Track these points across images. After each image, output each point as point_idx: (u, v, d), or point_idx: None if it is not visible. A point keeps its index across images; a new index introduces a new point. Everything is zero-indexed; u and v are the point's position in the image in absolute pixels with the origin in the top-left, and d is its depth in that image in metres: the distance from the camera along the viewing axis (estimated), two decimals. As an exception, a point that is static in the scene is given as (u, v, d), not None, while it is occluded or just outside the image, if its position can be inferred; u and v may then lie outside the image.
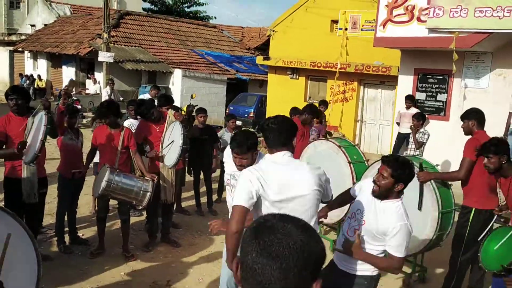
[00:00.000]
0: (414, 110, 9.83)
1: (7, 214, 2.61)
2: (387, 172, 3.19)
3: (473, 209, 4.89)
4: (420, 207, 5.09)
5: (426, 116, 8.86)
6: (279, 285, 1.17)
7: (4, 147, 5.08)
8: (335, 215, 6.22)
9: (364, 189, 3.47)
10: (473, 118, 5.20)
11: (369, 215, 3.27)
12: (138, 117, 6.87)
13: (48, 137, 4.98)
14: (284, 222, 1.25)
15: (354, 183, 5.80)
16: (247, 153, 3.50)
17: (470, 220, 4.91)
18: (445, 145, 9.95)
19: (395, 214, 3.16)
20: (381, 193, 3.22)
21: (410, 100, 10.24)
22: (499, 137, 5.15)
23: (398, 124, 10.57)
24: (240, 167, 3.59)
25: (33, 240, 2.62)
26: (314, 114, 7.04)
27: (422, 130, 8.17)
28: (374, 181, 3.26)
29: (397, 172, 3.16)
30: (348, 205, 3.90)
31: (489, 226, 4.53)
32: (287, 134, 3.12)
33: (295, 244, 1.19)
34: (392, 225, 3.11)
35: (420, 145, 8.09)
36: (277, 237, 1.20)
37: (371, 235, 3.24)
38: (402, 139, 10.09)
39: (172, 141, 5.93)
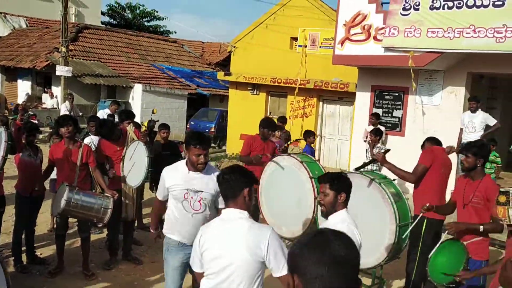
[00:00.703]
0: (382, 128, 10.12)
1: None
2: (326, 188, 3.40)
3: (426, 218, 5.09)
4: (358, 168, 5.66)
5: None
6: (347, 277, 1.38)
7: None
8: (296, 230, 6.33)
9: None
10: (427, 142, 5.59)
11: None
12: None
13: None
14: (337, 235, 1.45)
15: (315, 198, 5.94)
16: (208, 149, 3.82)
17: (423, 230, 5.12)
18: (400, 159, 10.24)
19: (339, 221, 3.30)
20: (329, 210, 3.40)
21: (376, 117, 10.33)
22: (484, 141, 5.52)
23: (365, 141, 10.65)
24: (202, 165, 3.78)
25: (3, 266, 2.56)
26: (270, 126, 7.07)
27: (379, 145, 8.43)
28: (319, 202, 3.49)
29: (334, 183, 3.39)
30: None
31: (442, 238, 4.73)
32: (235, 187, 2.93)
33: (350, 251, 1.40)
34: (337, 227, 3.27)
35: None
36: (337, 246, 1.39)
37: None
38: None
39: (134, 162, 5.91)
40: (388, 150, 5.75)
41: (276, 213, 6.59)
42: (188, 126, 18.80)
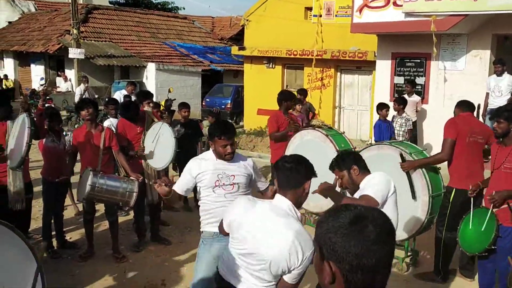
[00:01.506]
0: (416, 97, 9.79)
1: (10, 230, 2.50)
2: (337, 173, 3.54)
3: (454, 189, 4.97)
4: (413, 196, 5.13)
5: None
6: (384, 271, 1.33)
7: None
8: (325, 204, 6.23)
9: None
10: (456, 106, 5.32)
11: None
12: (118, 115, 6.73)
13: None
14: (378, 215, 1.37)
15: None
16: (233, 138, 3.63)
17: (451, 200, 5.00)
18: (425, 127, 10.09)
19: (370, 178, 3.47)
20: (353, 188, 3.50)
21: (412, 85, 9.82)
22: None
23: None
24: (230, 155, 3.59)
25: (34, 252, 2.51)
26: (291, 97, 6.91)
27: (404, 115, 8.22)
28: (343, 189, 3.64)
29: (339, 164, 3.51)
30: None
31: (471, 207, 4.62)
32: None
33: (392, 230, 1.36)
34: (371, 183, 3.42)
35: (409, 134, 8.15)
36: (377, 228, 1.32)
37: None
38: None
39: (157, 144, 5.82)
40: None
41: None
42: (203, 103, 18.67)
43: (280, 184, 2.76)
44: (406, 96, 9.52)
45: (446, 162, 5.10)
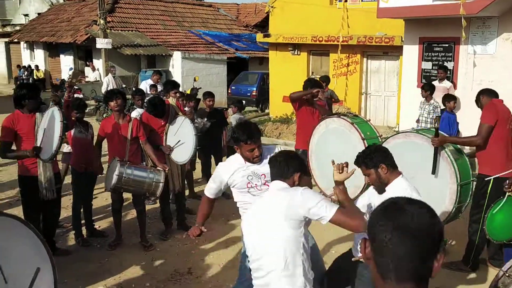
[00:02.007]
0: (447, 83, 9.54)
1: (20, 223, 2.55)
2: (364, 170, 3.39)
3: (492, 178, 4.85)
4: (434, 171, 5.00)
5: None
6: (409, 259, 1.33)
7: (14, 145, 5.03)
8: (350, 192, 6.19)
9: (370, 194, 3.57)
10: (482, 94, 5.17)
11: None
12: (145, 105, 6.81)
13: None
14: (411, 203, 1.39)
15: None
16: (260, 140, 3.55)
17: (489, 189, 4.88)
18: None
19: (399, 190, 3.21)
20: (380, 186, 3.36)
21: (443, 70, 9.47)
22: None
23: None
24: (258, 158, 3.55)
25: (46, 247, 2.57)
26: (314, 85, 6.82)
27: (432, 102, 8.06)
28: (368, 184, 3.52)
29: (367, 162, 3.35)
30: (364, 181, 3.91)
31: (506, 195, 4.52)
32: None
33: (424, 221, 1.34)
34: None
35: (438, 121, 7.97)
36: (408, 215, 1.34)
37: None
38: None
39: (179, 139, 5.88)
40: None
41: (329, 177, 6.45)
42: (229, 91, 18.70)
43: (272, 177, 2.99)
44: (437, 82, 9.31)
45: (475, 149, 4.99)
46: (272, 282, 2.77)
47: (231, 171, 3.62)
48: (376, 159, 3.32)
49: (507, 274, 2.56)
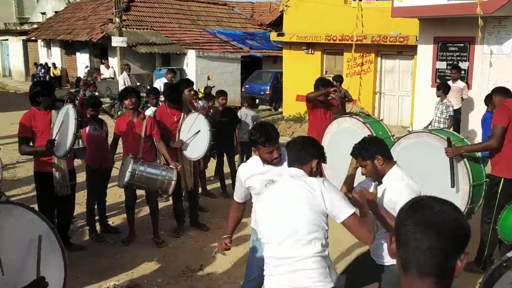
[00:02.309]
0: (461, 84, 9.47)
1: (33, 213, 2.60)
2: (360, 162, 3.38)
3: (502, 179, 4.82)
4: (452, 184, 4.98)
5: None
6: (432, 254, 1.35)
7: (30, 142, 5.14)
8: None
9: (365, 185, 3.50)
10: (495, 93, 5.14)
11: (380, 198, 3.26)
12: (159, 104, 6.88)
13: None
14: (438, 201, 1.42)
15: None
16: (278, 141, 3.48)
17: (499, 190, 4.85)
18: (468, 114, 9.81)
19: (395, 179, 3.26)
20: (376, 177, 3.34)
21: (458, 70, 9.45)
22: None
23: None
24: (277, 159, 3.45)
25: (58, 237, 2.62)
26: (325, 84, 6.81)
27: (445, 101, 8.01)
28: (364, 175, 3.47)
29: (363, 153, 3.32)
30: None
31: None
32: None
33: (449, 218, 1.37)
34: (394, 191, 3.19)
35: (451, 120, 7.94)
36: (433, 212, 1.38)
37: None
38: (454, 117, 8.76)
39: (196, 132, 5.91)
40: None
41: (341, 176, 6.46)
42: (243, 90, 18.75)
43: (289, 163, 3.00)
44: (450, 82, 9.25)
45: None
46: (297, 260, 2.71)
47: (249, 174, 3.57)
48: (372, 151, 3.31)
49: (504, 264, 2.56)
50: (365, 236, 2.71)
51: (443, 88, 8.10)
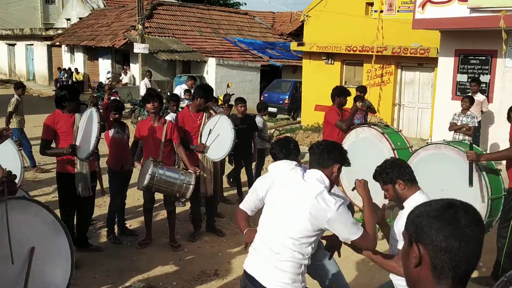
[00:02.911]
0: (481, 97, 9.39)
1: (47, 211, 2.66)
2: (382, 186, 3.24)
3: None
4: (471, 183, 4.93)
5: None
6: (468, 264, 1.36)
7: (53, 143, 5.26)
8: (377, 201, 6.18)
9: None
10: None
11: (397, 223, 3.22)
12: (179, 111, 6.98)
13: None
14: (467, 209, 1.39)
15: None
16: (298, 158, 3.53)
17: None
18: (489, 127, 9.72)
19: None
20: (398, 202, 3.22)
21: (478, 83, 9.32)
22: None
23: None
24: None
25: (68, 236, 2.67)
26: (344, 93, 6.86)
27: (469, 113, 7.98)
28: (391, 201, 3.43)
29: (383, 178, 3.19)
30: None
31: None
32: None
33: (480, 228, 1.37)
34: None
35: (472, 130, 7.90)
36: (469, 221, 1.35)
37: (396, 242, 3.16)
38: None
39: (218, 134, 5.97)
40: None
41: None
42: (262, 99, 18.82)
43: (311, 165, 3.00)
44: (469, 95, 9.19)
45: (504, 163, 4.92)
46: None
47: (268, 188, 3.43)
48: (392, 175, 3.14)
49: (505, 279, 2.55)
50: (369, 246, 2.87)
51: (471, 101, 8.07)
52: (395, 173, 3.14)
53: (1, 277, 2.31)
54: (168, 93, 15.34)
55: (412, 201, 3.12)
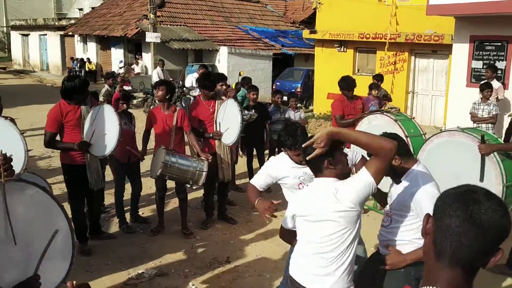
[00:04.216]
0: (496, 84, 9.19)
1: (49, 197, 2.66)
2: None
3: None
4: (482, 178, 4.90)
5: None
6: (470, 249, 1.34)
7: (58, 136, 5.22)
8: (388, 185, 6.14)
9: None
10: None
11: (394, 196, 3.17)
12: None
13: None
14: (488, 197, 1.38)
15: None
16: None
17: None
18: (504, 115, 9.56)
19: (414, 186, 3.02)
20: (396, 176, 3.13)
21: (492, 70, 9.05)
22: None
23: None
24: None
25: (67, 216, 2.66)
26: (349, 86, 6.79)
27: (490, 101, 7.87)
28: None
29: None
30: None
31: None
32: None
33: (497, 220, 1.34)
34: (414, 198, 2.97)
35: (495, 118, 7.81)
36: (483, 210, 1.34)
37: (399, 215, 3.11)
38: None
39: (226, 121, 5.97)
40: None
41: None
42: (274, 87, 18.76)
43: (331, 164, 2.81)
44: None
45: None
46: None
47: (281, 172, 3.60)
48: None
49: None
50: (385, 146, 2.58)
51: (491, 88, 7.94)
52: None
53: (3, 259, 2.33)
54: (180, 82, 15.37)
55: (413, 174, 3.11)
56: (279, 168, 3.64)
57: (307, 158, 2.77)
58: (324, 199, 2.67)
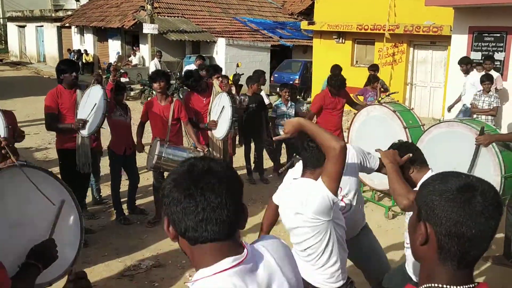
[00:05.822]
0: (495, 74, 9.16)
1: (60, 184, 2.64)
2: None
3: None
4: (470, 169, 4.89)
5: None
6: (479, 251, 1.29)
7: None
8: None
9: None
10: None
11: None
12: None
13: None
14: (486, 194, 1.29)
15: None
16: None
17: None
18: (504, 105, 9.55)
19: None
20: (409, 184, 2.96)
21: (491, 61, 9.01)
22: None
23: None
24: None
25: (80, 212, 2.65)
26: (339, 86, 6.76)
27: (491, 93, 7.84)
28: None
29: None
30: None
31: None
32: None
33: (497, 214, 1.28)
34: None
35: (495, 110, 7.78)
36: (488, 201, 1.27)
37: None
38: None
39: (220, 115, 5.98)
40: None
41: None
42: (272, 79, 18.70)
43: (308, 164, 2.78)
44: (483, 72, 8.99)
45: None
46: None
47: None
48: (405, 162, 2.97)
49: None
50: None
51: (491, 79, 7.90)
52: (409, 159, 2.99)
53: (14, 244, 2.30)
54: (178, 74, 15.32)
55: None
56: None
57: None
58: (293, 205, 2.67)
